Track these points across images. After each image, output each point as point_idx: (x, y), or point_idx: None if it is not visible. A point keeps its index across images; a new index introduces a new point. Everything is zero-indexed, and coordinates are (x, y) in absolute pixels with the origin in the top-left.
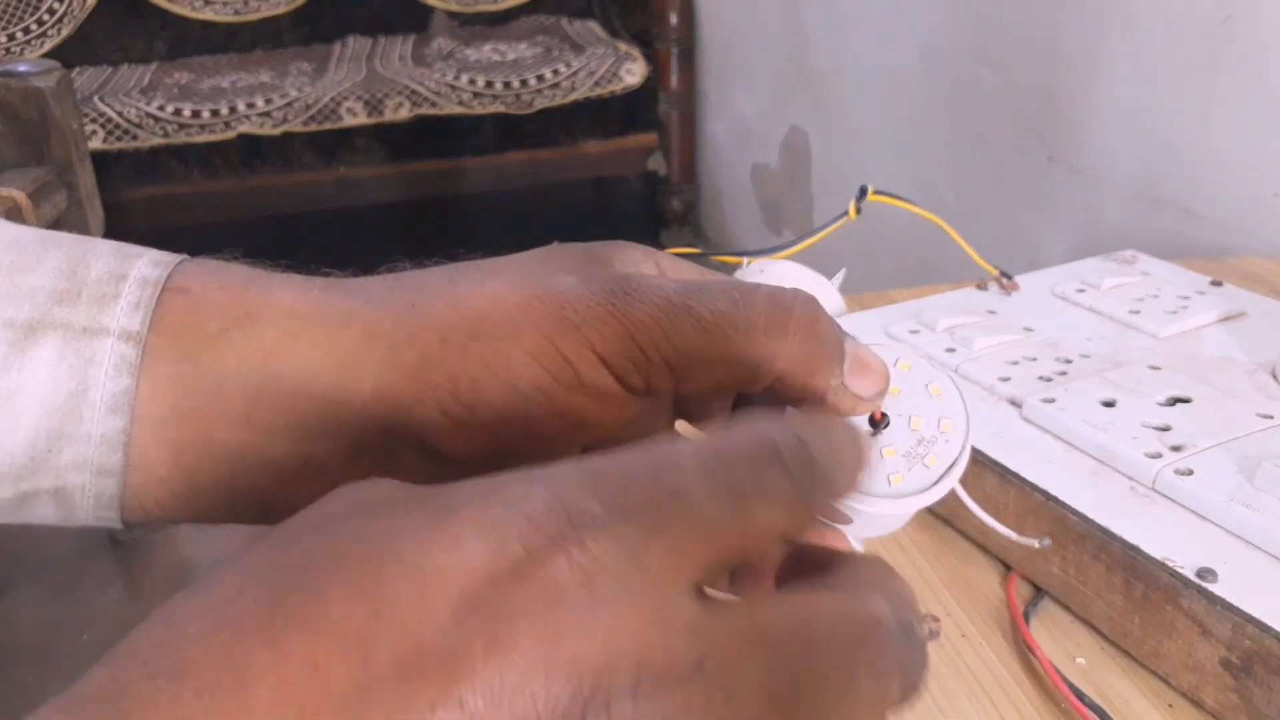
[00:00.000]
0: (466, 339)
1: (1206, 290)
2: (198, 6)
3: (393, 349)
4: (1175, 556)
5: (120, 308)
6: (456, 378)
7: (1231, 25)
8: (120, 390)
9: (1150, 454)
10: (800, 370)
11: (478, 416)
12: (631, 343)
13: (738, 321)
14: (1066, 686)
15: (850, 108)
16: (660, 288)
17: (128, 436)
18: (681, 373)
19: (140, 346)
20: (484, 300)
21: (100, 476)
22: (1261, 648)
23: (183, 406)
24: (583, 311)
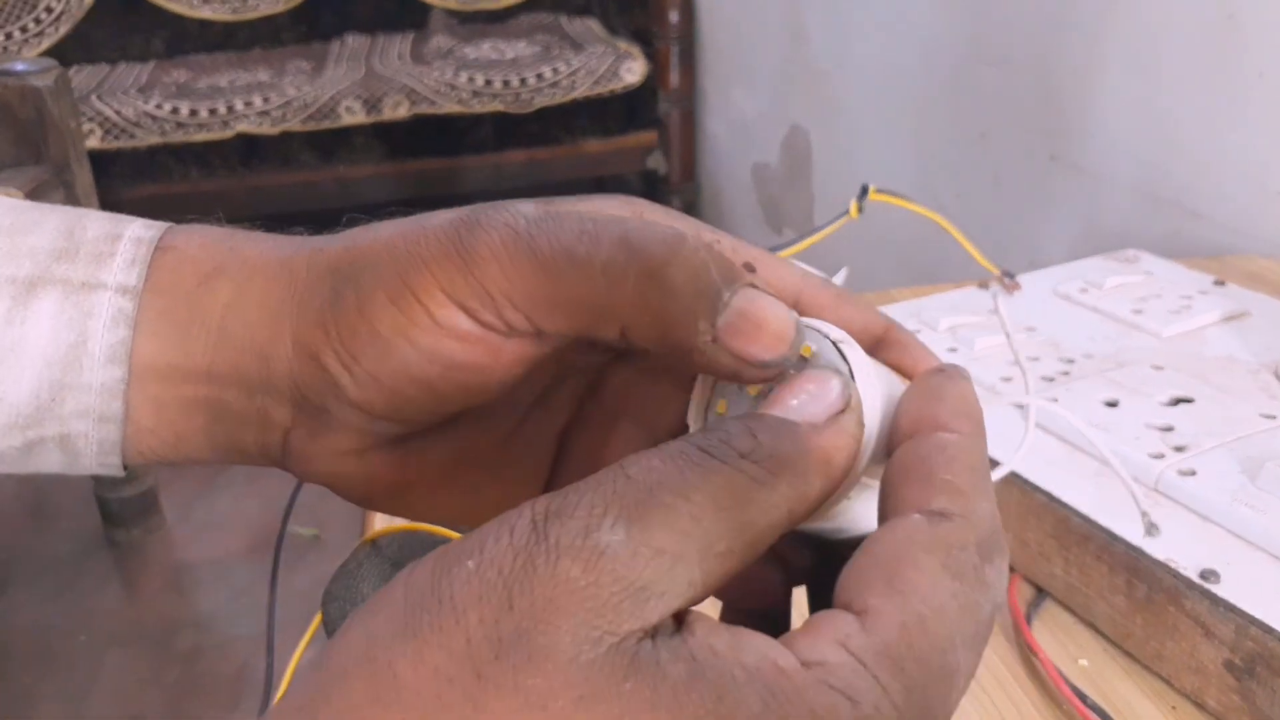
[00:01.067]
0: (345, 285)
1: (1209, 290)
2: (195, 5)
3: (302, 298)
4: (1178, 557)
5: (117, 264)
6: (340, 325)
7: (1234, 23)
8: (118, 341)
9: (1153, 454)
10: (645, 322)
11: (362, 365)
12: (473, 279)
13: (576, 257)
14: (1069, 688)
15: (851, 106)
16: (513, 216)
17: (126, 385)
18: (529, 313)
19: (136, 300)
20: (366, 243)
21: (102, 424)
22: (1264, 649)
23: (160, 361)
24: (432, 248)
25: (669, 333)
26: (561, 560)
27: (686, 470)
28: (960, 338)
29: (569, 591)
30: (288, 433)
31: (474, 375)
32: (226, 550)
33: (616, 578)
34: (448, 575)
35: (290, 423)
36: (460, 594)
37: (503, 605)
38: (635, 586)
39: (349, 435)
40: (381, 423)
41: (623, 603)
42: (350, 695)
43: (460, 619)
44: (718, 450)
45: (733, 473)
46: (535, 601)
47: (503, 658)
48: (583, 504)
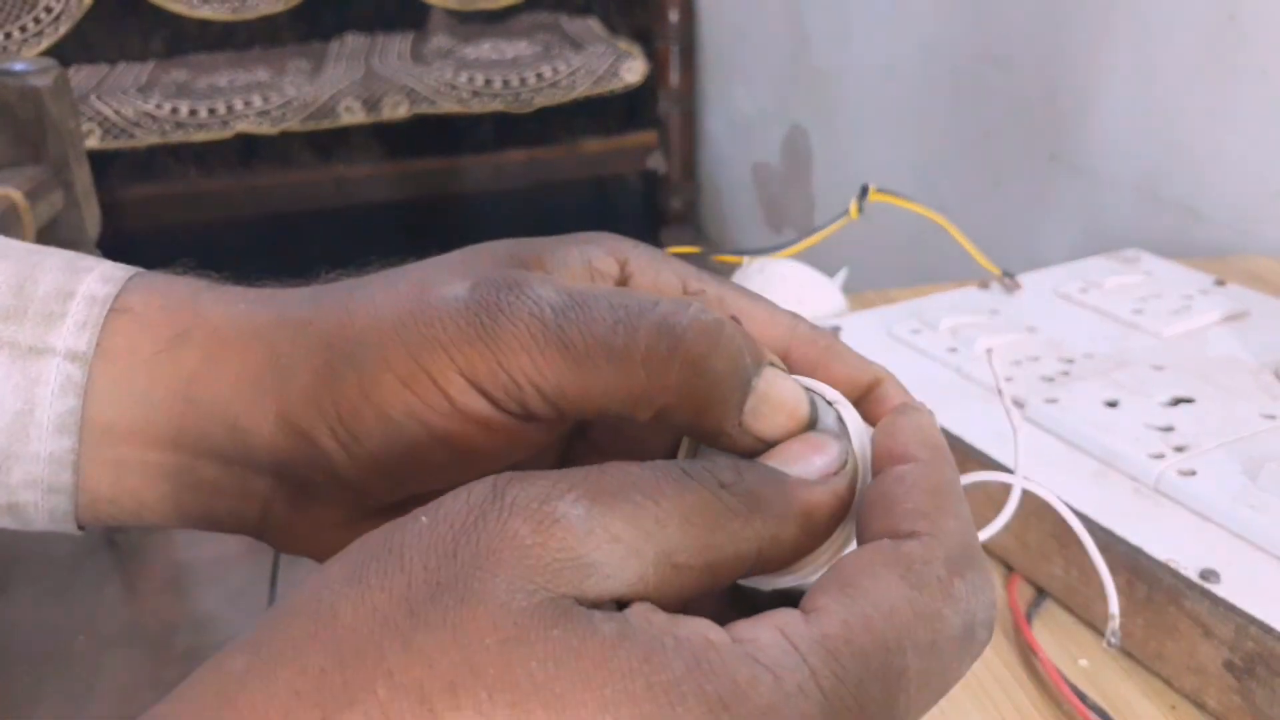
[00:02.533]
0: (345, 363)
1: (1210, 290)
2: (195, 4)
3: (289, 373)
4: (1178, 557)
5: (67, 327)
6: (339, 405)
7: (1236, 23)
8: (66, 410)
9: (1153, 454)
10: (685, 409)
11: (364, 446)
12: (499, 368)
13: (613, 350)
14: (1069, 688)
15: (852, 106)
16: (537, 304)
17: (76, 456)
18: (557, 402)
19: (86, 367)
20: (365, 318)
21: (51, 494)
22: (1265, 649)
23: (119, 428)
24: (451, 330)
25: (703, 418)
26: (513, 518)
27: (663, 481)
28: (960, 337)
29: (514, 547)
30: (267, 504)
31: (486, 459)
32: (226, 551)
33: (565, 546)
34: (401, 529)
35: (270, 494)
36: (410, 544)
37: (447, 553)
38: (582, 560)
39: (334, 510)
40: (369, 497)
41: (564, 569)
42: (291, 631)
43: (405, 566)
44: (699, 474)
45: (709, 496)
46: (479, 551)
47: (436, 599)
48: (548, 477)
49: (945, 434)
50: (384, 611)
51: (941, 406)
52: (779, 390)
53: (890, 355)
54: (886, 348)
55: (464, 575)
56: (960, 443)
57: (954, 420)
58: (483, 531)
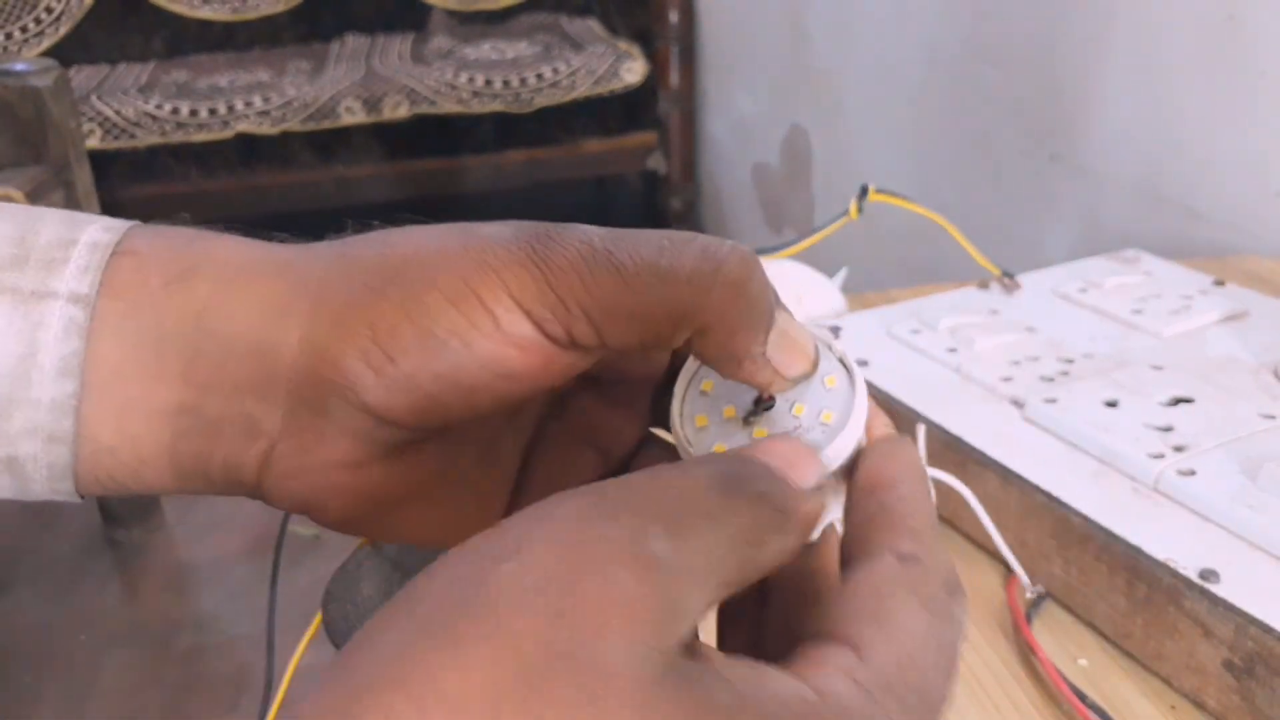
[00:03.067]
0: (384, 284)
1: (1209, 290)
2: (195, 5)
3: (319, 297)
4: (1178, 557)
5: (69, 271)
6: (376, 324)
7: (1234, 24)
8: (69, 353)
9: (1153, 454)
10: (721, 328)
11: (399, 366)
12: (549, 290)
13: (661, 269)
14: (1068, 688)
15: (852, 106)
16: (585, 234)
17: (77, 400)
18: (601, 324)
19: (90, 309)
20: (409, 248)
21: (51, 444)
22: (1264, 649)
23: (125, 369)
24: (501, 255)
25: (735, 340)
26: (612, 567)
27: (716, 495)
28: (960, 338)
29: (620, 602)
30: (272, 444)
31: (516, 384)
32: (227, 550)
33: (663, 591)
34: (485, 578)
35: (279, 431)
36: (503, 598)
37: (552, 612)
38: (673, 601)
39: (345, 445)
40: (387, 429)
41: (664, 618)
42: (390, 706)
43: (504, 624)
44: (739, 485)
45: (754, 513)
46: (587, 611)
47: (555, 668)
48: (629, 507)
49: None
50: (498, 684)
51: (941, 406)
52: (794, 328)
53: (890, 355)
54: (886, 348)
55: (578, 641)
56: (960, 442)
57: (953, 420)
58: (586, 585)
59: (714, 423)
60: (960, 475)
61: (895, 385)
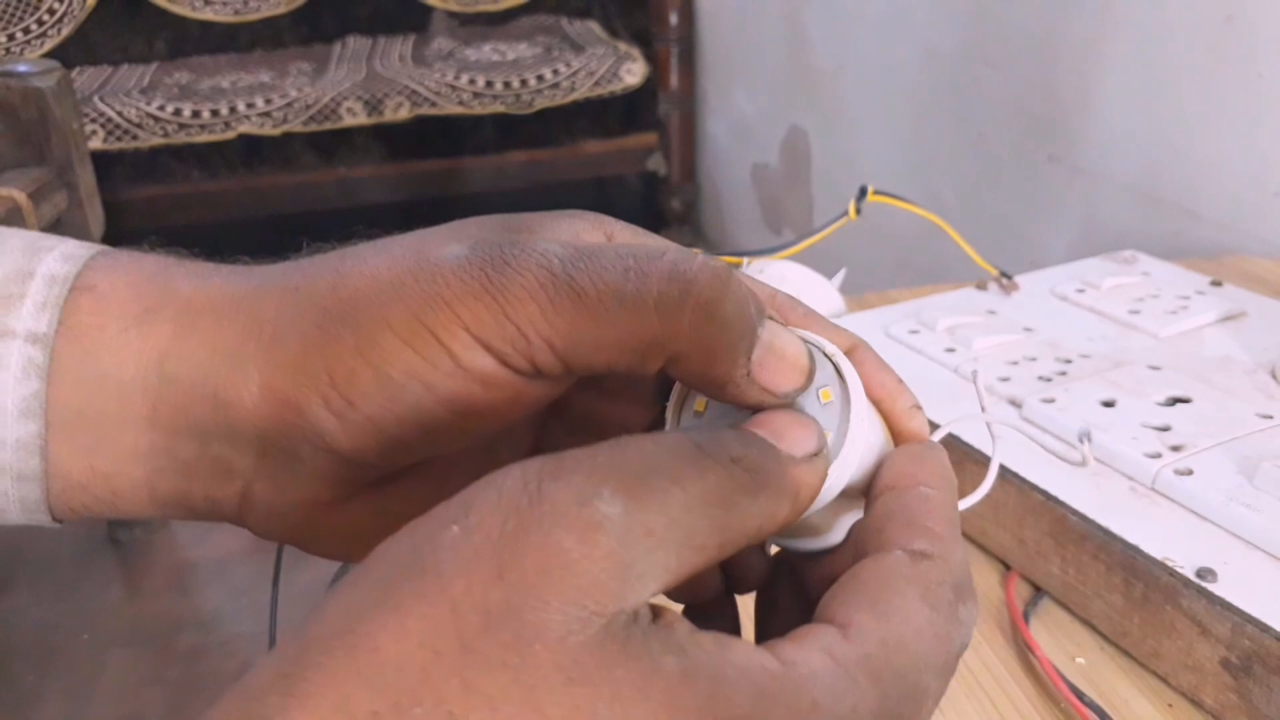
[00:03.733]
0: (338, 325)
1: (1206, 290)
2: (197, 6)
3: (275, 340)
4: (1175, 556)
5: (26, 308)
6: (333, 369)
7: (1232, 25)
8: (30, 394)
9: (1150, 454)
10: (696, 355)
11: (360, 411)
12: (506, 321)
13: (625, 295)
14: (1066, 686)
15: (850, 107)
16: (544, 255)
17: (43, 440)
18: (566, 355)
19: (48, 349)
20: (361, 279)
21: (21, 482)
22: (1261, 647)
23: (89, 410)
24: (455, 286)
25: (713, 366)
26: (555, 529)
27: (682, 460)
28: (958, 338)
29: (562, 564)
30: (248, 484)
31: (485, 419)
32: (228, 549)
33: (608, 552)
34: (430, 541)
35: (252, 473)
36: (445, 560)
37: (491, 574)
38: (623, 564)
39: (321, 486)
40: (359, 469)
41: (610, 580)
42: (331, 668)
43: (445, 587)
44: (712, 449)
45: (725, 474)
46: (525, 572)
47: (491, 631)
48: (579, 469)
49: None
50: (432, 644)
51: (939, 406)
52: (782, 340)
53: (888, 355)
54: (884, 348)
55: (515, 603)
56: (958, 442)
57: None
58: (526, 546)
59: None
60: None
61: None
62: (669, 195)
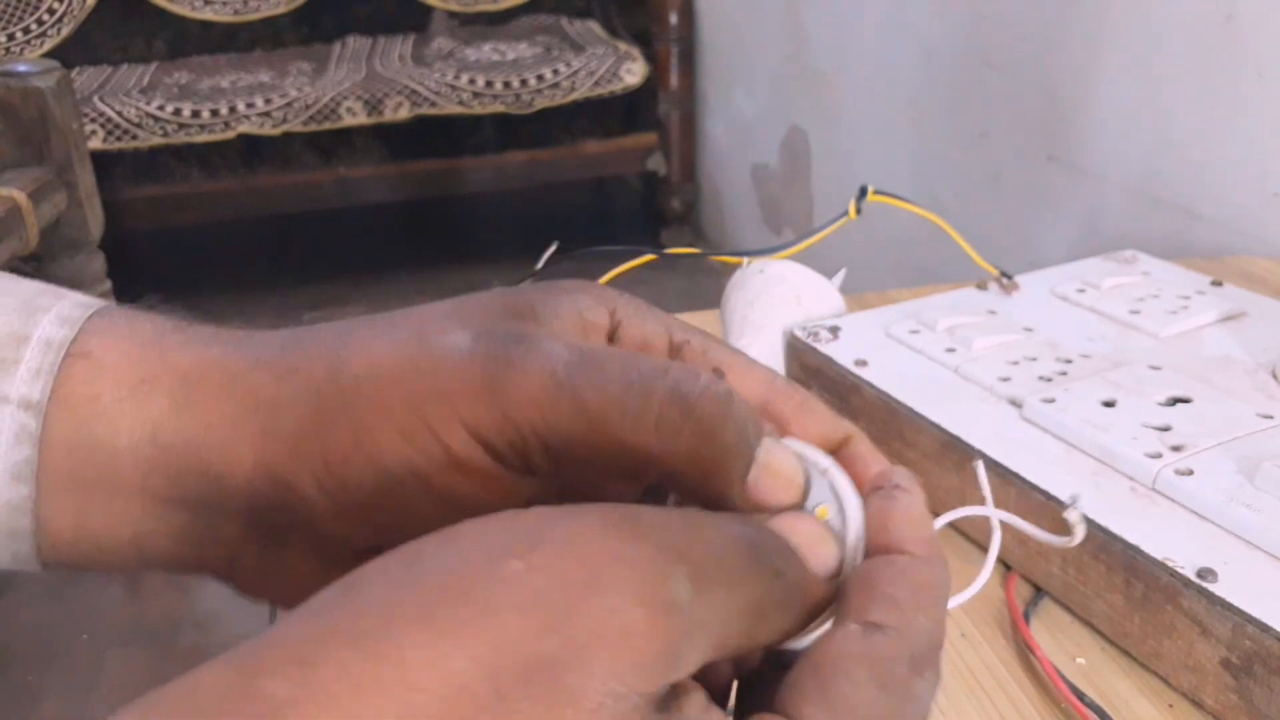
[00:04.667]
0: (337, 411)
1: (1207, 290)
2: (197, 6)
3: (271, 419)
4: (1175, 556)
5: (20, 375)
6: (328, 452)
7: (1233, 25)
8: (21, 459)
9: (1150, 454)
10: (692, 475)
11: (351, 495)
12: (506, 422)
13: (626, 411)
14: (1066, 686)
15: (850, 107)
16: (549, 358)
17: (34, 503)
18: (561, 459)
19: (40, 416)
20: (361, 365)
21: (12, 539)
22: (1262, 648)
23: (81, 476)
24: (456, 381)
25: (709, 484)
26: (628, 596)
27: (740, 560)
28: (958, 338)
29: (622, 634)
30: (235, 551)
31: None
32: None
33: (666, 638)
34: (489, 570)
35: (240, 541)
36: (500, 596)
37: (544, 624)
38: (672, 652)
39: (309, 556)
40: (345, 545)
41: (657, 664)
42: (351, 672)
43: (492, 624)
44: (762, 556)
45: (768, 587)
46: (580, 632)
47: (529, 683)
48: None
49: (943, 433)
50: (464, 679)
51: (939, 406)
52: (778, 460)
53: (889, 355)
54: (884, 348)
55: (560, 660)
56: (958, 442)
57: (952, 420)
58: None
59: None
60: (959, 475)
61: (894, 385)
62: (669, 195)
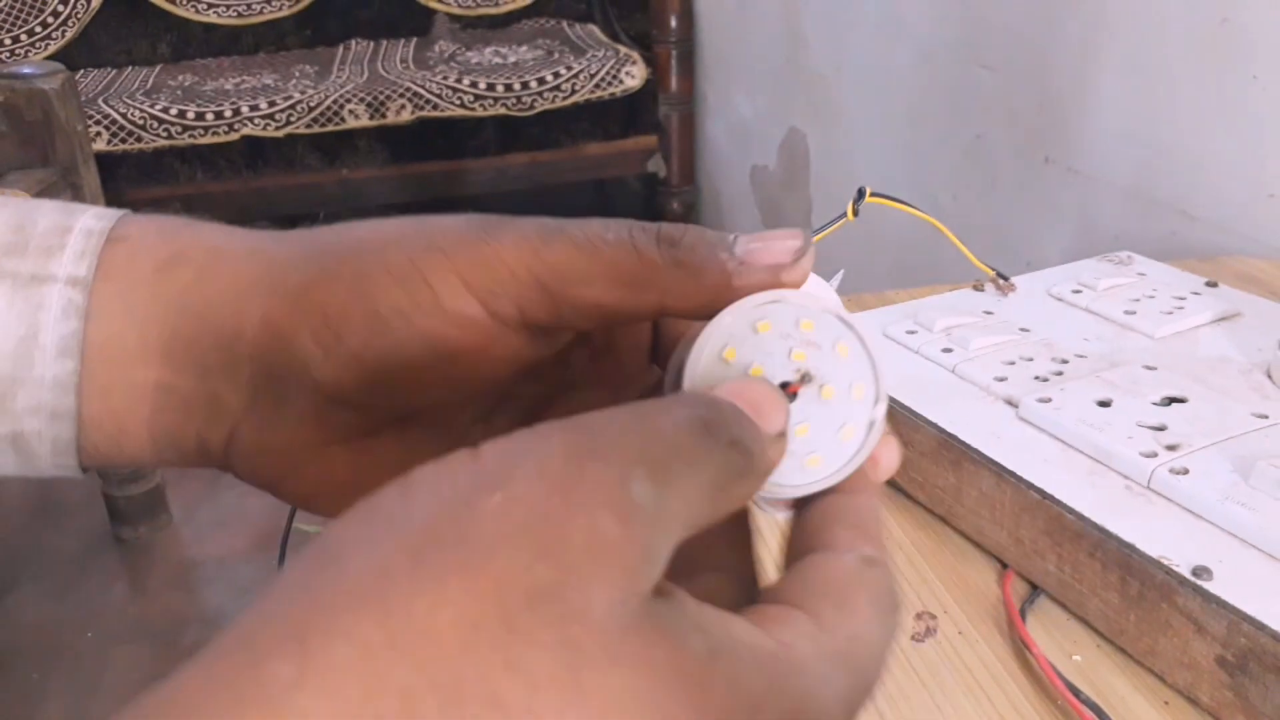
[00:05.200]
0: (338, 265)
1: (1201, 291)
2: (201, 9)
3: (280, 279)
4: (1170, 555)
5: (67, 256)
6: (327, 305)
7: (1228, 27)
8: (69, 333)
9: (1146, 453)
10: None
11: (346, 344)
12: (499, 263)
13: (608, 239)
14: (1062, 683)
15: (848, 110)
16: (525, 225)
17: (78, 379)
18: (555, 289)
19: (87, 291)
20: (366, 231)
21: (55, 420)
22: (1256, 645)
23: (113, 347)
24: (451, 237)
25: (702, 278)
26: (600, 511)
27: (695, 440)
28: (955, 338)
29: (604, 546)
30: (237, 425)
31: (460, 367)
32: (233, 548)
33: (641, 537)
34: (470, 508)
35: (243, 411)
36: (487, 531)
37: (535, 551)
38: (650, 547)
39: (303, 428)
40: (342, 411)
41: (642, 564)
42: (359, 636)
43: (488, 560)
44: (717, 430)
45: (725, 458)
46: (570, 552)
47: (535, 609)
48: (616, 448)
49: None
50: (472, 618)
51: (936, 405)
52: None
53: (886, 356)
54: (882, 348)
55: (559, 582)
56: (955, 441)
57: (949, 419)
58: (573, 527)
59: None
60: (955, 473)
61: (892, 385)
62: (669, 197)
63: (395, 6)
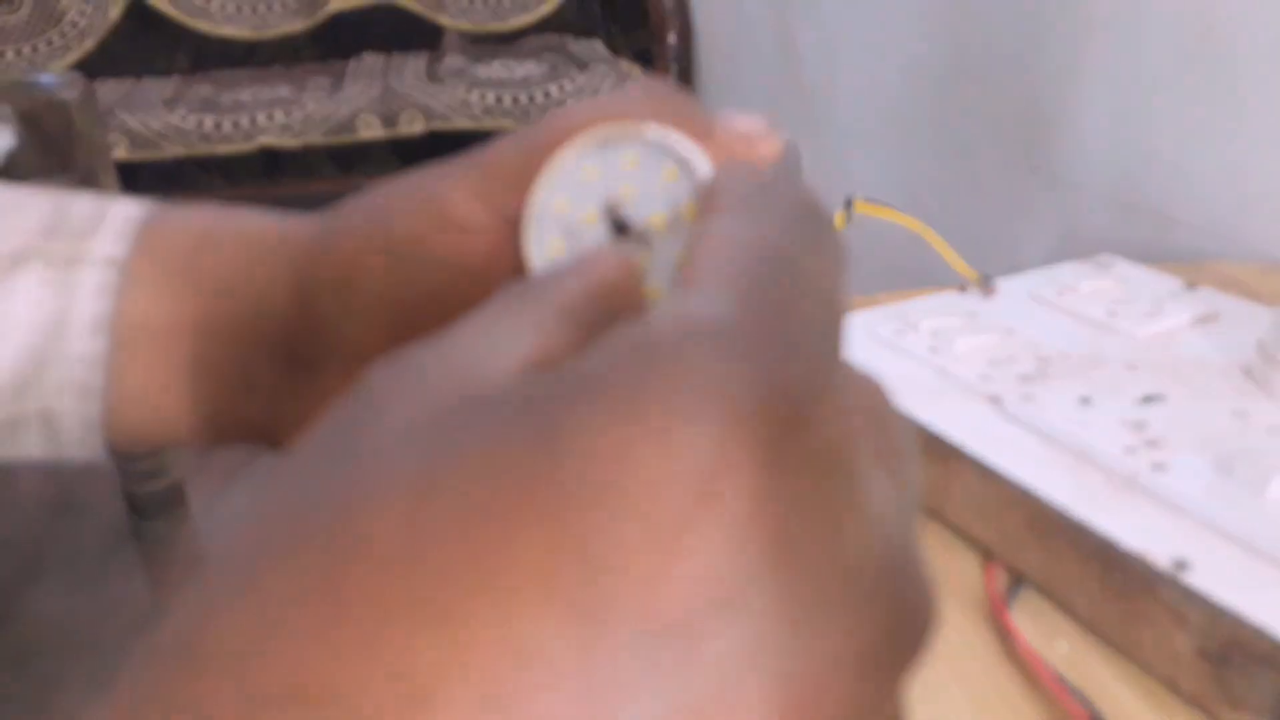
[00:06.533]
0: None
1: (1181, 293)
2: (218, 22)
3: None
4: (1151, 548)
5: (104, 237)
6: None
7: (1211, 35)
8: (101, 312)
9: (1127, 449)
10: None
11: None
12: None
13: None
14: (1047, 671)
15: (839, 121)
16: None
17: (109, 356)
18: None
19: (123, 271)
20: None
21: (84, 398)
22: (1235, 636)
23: (150, 319)
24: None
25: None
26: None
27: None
28: (941, 338)
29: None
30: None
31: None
32: None
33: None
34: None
35: (279, 384)
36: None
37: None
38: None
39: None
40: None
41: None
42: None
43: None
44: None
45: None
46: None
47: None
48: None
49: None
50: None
51: (922, 404)
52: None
53: (873, 355)
54: (870, 348)
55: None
56: (941, 438)
57: (934, 417)
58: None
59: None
60: (941, 469)
61: None
62: None
63: (406, 22)
